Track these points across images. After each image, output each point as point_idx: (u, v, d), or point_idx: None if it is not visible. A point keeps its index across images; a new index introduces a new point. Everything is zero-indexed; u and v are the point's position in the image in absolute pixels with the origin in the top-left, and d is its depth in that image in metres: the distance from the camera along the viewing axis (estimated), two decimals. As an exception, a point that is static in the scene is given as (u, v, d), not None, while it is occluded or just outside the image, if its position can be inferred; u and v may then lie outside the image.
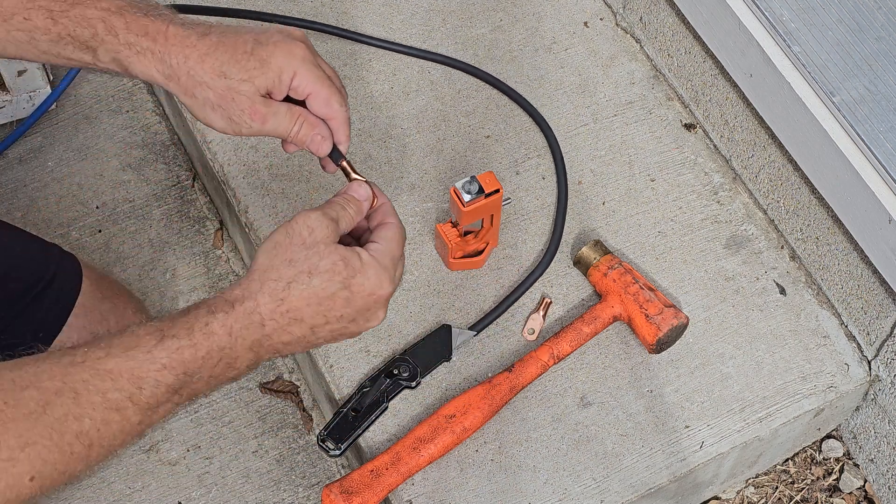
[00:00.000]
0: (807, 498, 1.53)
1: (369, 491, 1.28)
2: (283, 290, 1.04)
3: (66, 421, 0.94)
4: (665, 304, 1.38)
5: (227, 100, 1.10)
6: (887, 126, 1.30)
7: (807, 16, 1.38)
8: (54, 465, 0.93)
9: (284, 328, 1.04)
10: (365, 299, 1.07)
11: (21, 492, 0.91)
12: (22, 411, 0.92)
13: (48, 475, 0.93)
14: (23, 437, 0.91)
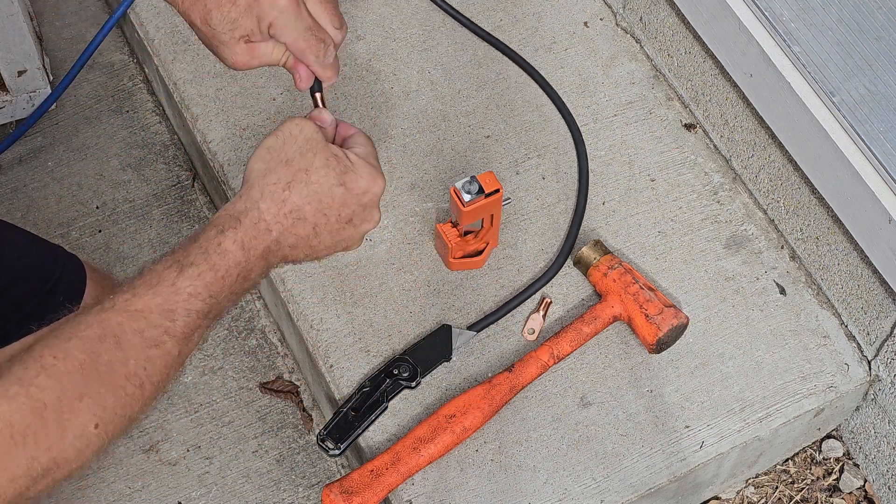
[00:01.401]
0: (807, 498, 1.53)
1: (369, 491, 1.28)
2: (283, 191, 1.07)
3: (114, 366, 0.96)
4: (665, 304, 1.38)
5: (212, 45, 1.15)
6: (887, 126, 1.30)
7: (807, 16, 1.38)
8: (113, 409, 0.96)
9: (289, 230, 1.08)
10: (359, 197, 1.10)
11: (89, 441, 0.94)
12: (72, 363, 0.94)
13: (110, 420, 0.96)
14: (78, 388, 0.93)
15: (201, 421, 1.56)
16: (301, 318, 1.44)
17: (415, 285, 1.46)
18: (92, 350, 0.96)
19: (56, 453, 0.93)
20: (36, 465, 0.92)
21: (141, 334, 0.99)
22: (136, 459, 1.52)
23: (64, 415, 0.93)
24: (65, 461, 0.94)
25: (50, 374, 0.94)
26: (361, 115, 1.59)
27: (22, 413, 0.91)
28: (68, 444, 0.94)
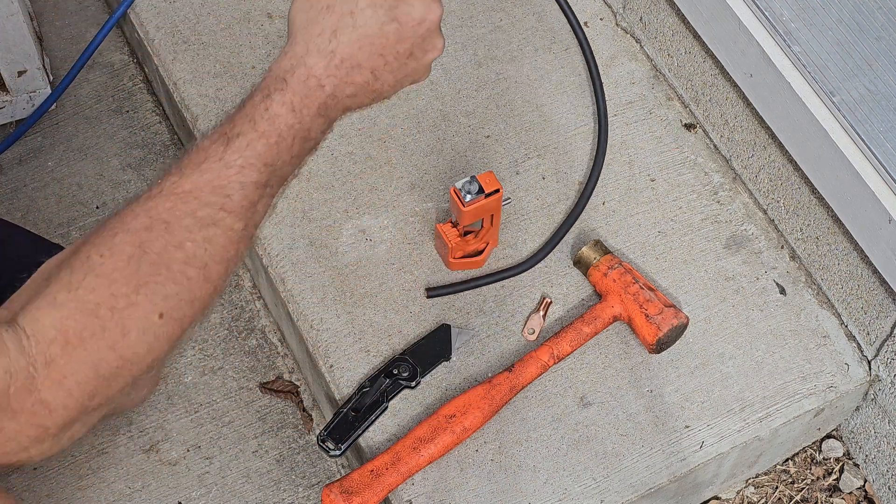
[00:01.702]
0: (807, 498, 1.53)
1: (369, 491, 1.28)
2: (329, 41, 0.98)
3: (168, 252, 0.92)
4: (665, 304, 1.38)
5: None
6: (887, 126, 1.30)
7: (807, 16, 1.38)
8: (177, 296, 0.92)
9: (345, 81, 0.99)
10: (415, 28, 1.00)
11: (157, 332, 0.91)
12: (120, 258, 0.90)
13: (176, 308, 0.92)
14: (131, 281, 0.90)
15: (201, 421, 1.56)
16: (301, 318, 1.44)
17: (415, 285, 1.46)
18: (141, 241, 0.92)
19: (123, 350, 0.90)
20: (104, 365, 0.89)
21: (193, 215, 0.93)
22: (136, 459, 1.52)
23: (121, 311, 0.90)
24: (136, 356, 0.91)
25: (98, 273, 0.90)
26: (361, 115, 1.59)
27: (74, 318, 0.88)
28: (134, 339, 0.90)
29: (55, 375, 0.88)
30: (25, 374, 0.87)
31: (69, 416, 0.90)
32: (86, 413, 0.92)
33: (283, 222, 1.50)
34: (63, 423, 0.90)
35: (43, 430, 0.89)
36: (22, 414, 0.87)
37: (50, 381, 0.88)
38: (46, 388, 0.87)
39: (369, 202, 1.51)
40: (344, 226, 1.50)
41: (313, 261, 1.47)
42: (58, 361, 0.88)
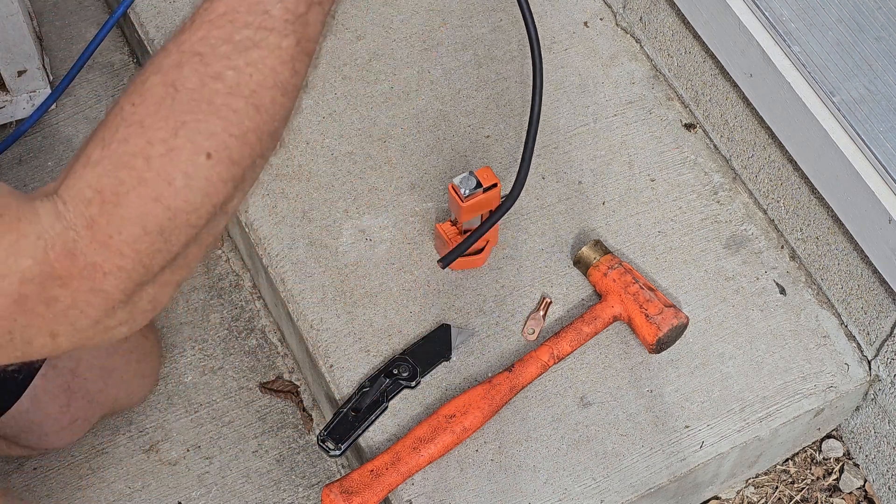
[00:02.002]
0: (807, 498, 1.53)
1: (369, 491, 1.28)
2: None
3: (206, 85, 0.83)
4: (665, 303, 1.38)
5: None
6: (887, 126, 1.30)
7: (807, 16, 1.38)
8: (225, 132, 0.83)
9: None
10: None
11: (208, 175, 0.83)
12: (152, 101, 0.83)
13: (225, 145, 0.83)
14: (168, 124, 0.82)
15: (201, 421, 1.56)
16: (301, 318, 1.44)
17: (415, 285, 1.46)
18: (172, 79, 0.84)
19: (170, 201, 0.82)
20: (151, 219, 0.82)
21: (230, 41, 0.84)
22: (136, 459, 1.52)
23: (159, 158, 0.82)
24: (189, 205, 0.83)
25: (130, 122, 0.83)
26: (361, 115, 1.59)
27: (109, 174, 0.82)
28: (181, 186, 0.82)
29: (100, 237, 0.82)
30: (64, 238, 0.81)
31: (130, 279, 0.83)
32: (151, 274, 0.84)
33: (283, 222, 1.50)
34: (125, 287, 0.83)
35: (104, 297, 0.83)
36: (72, 280, 0.81)
37: (96, 243, 0.82)
38: (93, 250, 0.81)
39: (369, 202, 1.51)
40: (344, 226, 1.50)
41: (313, 261, 1.47)
42: (99, 222, 0.82)
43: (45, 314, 0.82)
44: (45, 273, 0.81)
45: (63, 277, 0.81)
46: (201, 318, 1.63)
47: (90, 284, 0.82)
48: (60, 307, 0.82)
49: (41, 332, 0.83)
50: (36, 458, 1.51)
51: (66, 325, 0.83)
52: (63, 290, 0.82)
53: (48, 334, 0.83)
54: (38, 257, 0.81)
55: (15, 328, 0.82)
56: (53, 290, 0.81)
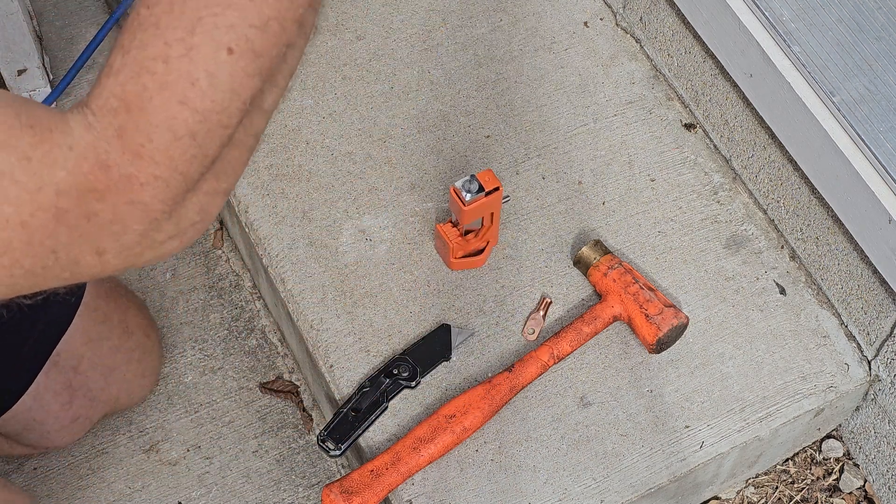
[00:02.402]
0: (807, 498, 1.53)
1: (369, 491, 1.28)
2: None
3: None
4: (665, 304, 1.38)
5: None
6: (887, 126, 1.30)
7: (807, 16, 1.38)
8: (244, 22, 0.80)
9: None
10: None
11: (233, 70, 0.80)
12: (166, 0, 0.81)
13: (245, 37, 0.80)
14: (183, 23, 0.80)
15: (201, 421, 1.56)
16: (301, 318, 1.44)
17: (415, 285, 1.46)
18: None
19: (196, 102, 0.80)
20: (179, 123, 0.80)
21: None
22: (136, 459, 1.52)
23: (178, 59, 0.79)
24: (217, 105, 0.80)
25: (146, 25, 0.81)
26: (361, 115, 1.59)
27: (131, 81, 0.80)
28: (206, 86, 0.80)
29: (131, 146, 0.79)
30: (96, 149, 0.79)
31: (168, 188, 0.81)
32: (191, 181, 0.82)
33: (283, 222, 1.50)
34: (164, 197, 0.81)
35: (144, 208, 0.80)
36: (109, 192, 0.79)
37: (128, 153, 0.79)
38: (127, 161, 0.79)
39: (369, 202, 1.51)
40: (344, 226, 1.50)
41: (313, 261, 1.47)
42: (127, 130, 0.79)
43: (87, 229, 0.79)
44: (80, 185, 0.78)
45: (100, 190, 0.79)
46: (201, 318, 1.63)
47: (128, 196, 0.80)
48: (102, 221, 0.80)
49: (86, 249, 0.80)
50: (36, 457, 1.51)
51: (110, 240, 0.81)
52: (102, 204, 0.79)
53: (94, 251, 0.81)
54: (72, 169, 0.78)
55: (58, 246, 0.79)
56: (91, 203, 0.79)
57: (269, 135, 1.57)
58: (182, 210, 0.83)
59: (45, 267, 0.80)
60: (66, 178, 0.78)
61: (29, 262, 0.79)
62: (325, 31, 1.66)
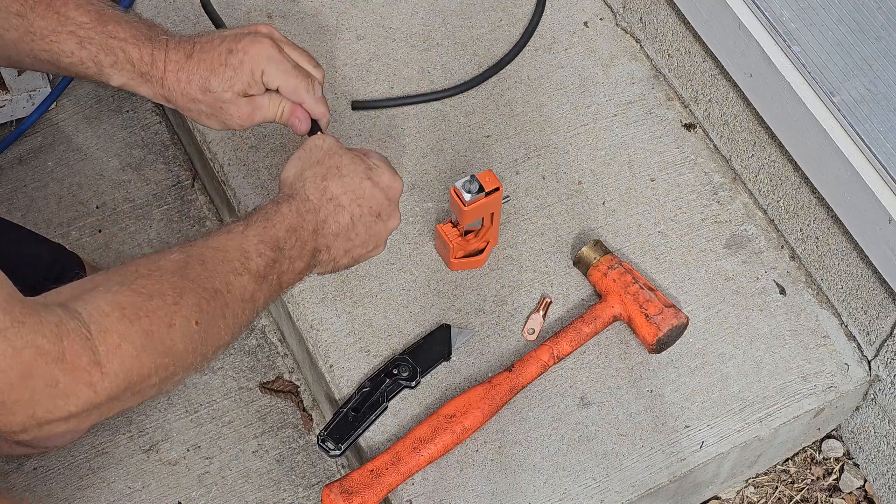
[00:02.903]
0: (807, 498, 1.53)
1: (369, 491, 1.28)
2: (321, 181, 1.23)
3: (202, 279, 1.07)
4: (665, 303, 1.38)
5: (216, 108, 1.28)
6: (887, 126, 1.30)
7: (807, 16, 1.38)
8: (211, 313, 1.06)
9: (332, 216, 1.22)
10: (385, 191, 1.26)
11: (193, 337, 1.04)
12: (166, 272, 1.05)
13: (209, 323, 1.06)
14: (176, 288, 1.04)
15: (201, 421, 1.56)
16: (301, 318, 1.44)
17: (415, 285, 1.46)
18: (180, 266, 1.07)
19: (168, 338, 1.02)
20: (156, 340, 1.01)
21: (222, 261, 1.10)
22: (136, 459, 1.52)
23: (169, 305, 1.02)
24: (175, 349, 1.03)
25: (147, 278, 1.03)
26: (361, 114, 1.59)
27: (130, 299, 1.00)
28: (177, 332, 1.02)
29: (112, 340, 0.96)
30: (79, 333, 0.94)
31: (119, 386, 0.97)
32: (132, 391, 1.00)
33: None
34: (112, 392, 0.97)
35: (93, 394, 0.95)
36: (76, 371, 0.93)
37: (106, 345, 0.96)
38: (103, 351, 0.95)
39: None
40: (344, 226, 1.50)
41: (313, 261, 1.47)
42: (115, 328, 0.97)
43: (40, 392, 0.93)
44: (57, 354, 0.92)
45: (70, 365, 0.93)
46: (201, 318, 1.63)
47: (89, 378, 0.95)
48: (56, 390, 0.93)
49: (26, 408, 0.93)
50: (36, 457, 1.51)
51: (49, 407, 0.94)
52: (65, 377, 0.93)
53: (30, 412, 0.94)
54: (53, 338, 0.92)
55: (8, 400, 0.91)
56: (57, 373, 0.92)
57: (269, 134, 1.57)
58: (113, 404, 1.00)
59: None
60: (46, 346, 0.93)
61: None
62: (325, 30, 1.66)
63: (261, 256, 1.14)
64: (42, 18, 1.22)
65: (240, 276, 1.11)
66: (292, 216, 1.19)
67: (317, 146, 1.26)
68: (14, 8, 1.21)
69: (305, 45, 1.63)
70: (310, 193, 1.22)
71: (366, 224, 1.25)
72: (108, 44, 1.25)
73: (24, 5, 1.22)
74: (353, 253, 1.26)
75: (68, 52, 1.24)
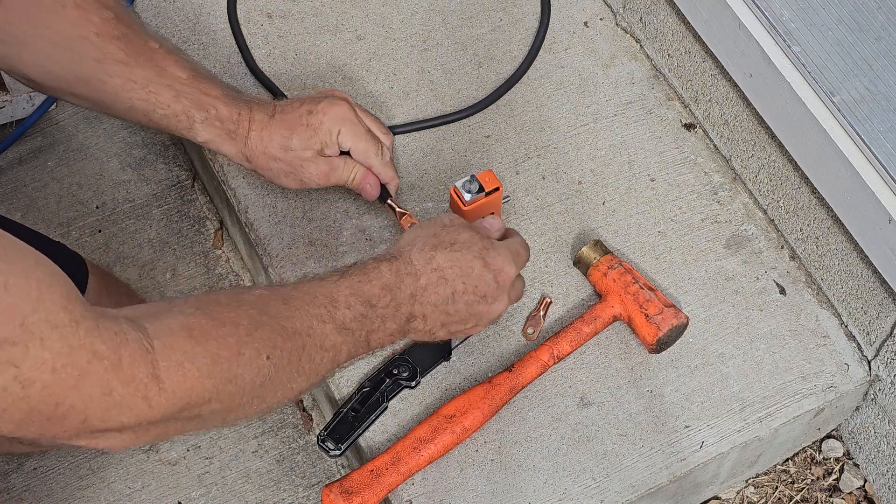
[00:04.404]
0: (807, 498, 1.53)
1: (369, 491, 1.28)
2: (430, 250, 1.22)
3: (281, 318, 1.07)
4: (665, 303, 1.38)
5: (295, 166, 1.36)
6: (887, 126, 1.30)
7: (807, 16, 1.38)
8: (283, 351, 1.05)
9: (433, 285, 1.21)
10: (496, 274, 1.24)
11: (261, 370, 1.02)
12: (244, 306, 1.05)
13: (280, 360, 1.04)
14: (251, 322, 1.03)
15: (201, 421, 1.56)
16: (301, 318, 1.44)
17: (415, 285, 1.46)
18: (262, 301, 1.07)
19: (234, 366, 1.00)
20: (221, 365, 0.98)
21: (308, 304, 1.10)
22: (136, 459, 1.52)
23: (240, 334, 1.01)
24: (241, 379, 1.00)
25: (224, 307, 1.03)
26: (361, 115, 1.59)
27: (201, 322, 0.99)
28: (245, 362, 1.01)
29: (174, 357, 0.94)
30: (139, 345, 0.92)
31: (176, 404, 0.95)
32: (190, 413, 0.97)
33: (284, 222, 1.50)
34: (167, 410, 0.94)
35: (148, 409, 0.93)
36: (133, 382, 0.91)
37: (168, 361, 0.94)
38: (163, 367, 0.93)
39: (369, 202, 1.51)
40: (344, 226, 1.50)
41: (313, 261, 1.47)
42: (179, 346, 0.95)
43: (94, 399, 0.89)
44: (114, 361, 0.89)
45: (127, 376, 0.91)
46: (201, 318, 1.63)
47: (146, 392, 0.92)
48: (110, 399, 0.90)
49: (79, 413, 0.89)
50: (36, 457, 1.52)
51: (102, 416, 0.91)
52: (122, 387, 0.90)
53: (82, 418, 0.90)
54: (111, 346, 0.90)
55: (62, 403, 0.88)
56: (114, 382, 0.90)
57: (269, 135, 1.57)
58: (161, 426, 0.97)
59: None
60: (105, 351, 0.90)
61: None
62: (325, 30, 1.66)
63: (349, 308, 1.13)
64: (142, 69, 1.28)
65: (324, 323, 1.11)
66: (390, 276, 1.19)
67: (440, 220, 1.27)
68: (118, 56, 1.27)
69: (305, 45, 1.63)
70: (414, 258, 1.21)
71: (467, 302, 1.23)
72: (202, 100, 1.32)
73: (127, 54, 1.27)
74: (450, 328, 1.25)
75: (164, 103, 1.30)
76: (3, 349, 0.80)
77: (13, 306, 0.81)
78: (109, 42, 1.27)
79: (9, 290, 0.81)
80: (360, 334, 1.15)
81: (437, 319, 1.23)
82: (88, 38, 1.26)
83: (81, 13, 1.26)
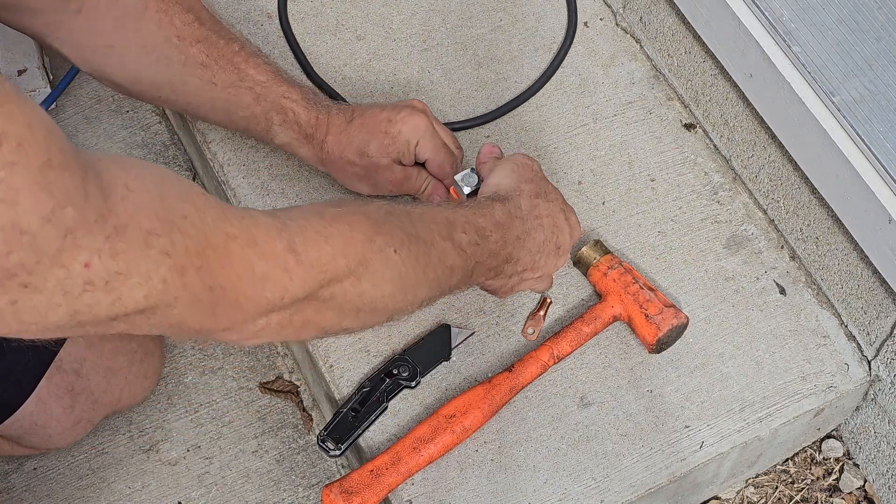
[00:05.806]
0: (807, 498, 1.53)
1: (369, 491, 1.28)
2: (535, 198, 1.27)
3: (405, 224, 1.10)
4: (665, 303, 1.38)
5: (371, 171, 1.37)
6: (887, 126, 1.30)
7: (807, 16, 1.38)
8: (409, 249, 1.08)
9: (534, 231, 1.26)
10: (571, 230, 1.32)
11: (388, 260, 1.05)
12: (372, 206, 1.08)
13: (406, 257, 1.07)
14: (379, 220, 1.06)
15: (201, 421, 1.56)
16: (301, 318, 1.44)
17: (415, 285, 1.46)
18: (385, 209, 1.09)
19: (366, 251, 1.03)
20: (353, 247, 1.02)
21: (430, 221, 1.13)
22: (136, 459, 1.52)
23: (369, 224, 1.04)
24: (372, 269, 1.04)
25: (350, 205, 1.07)
26: (361, 115, 1.59)
27: (333, 211, 1.04)
28: (376, 248, 1.04)
29: (309, 235, 0.98)
30: (272, 225, 0.95)
31: (314, 278, 0.98)
32: (328, 293, 1.00)
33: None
34: (307, 284, 0.97)
35: (289, 280, 0.96)
36: (271, 257, 0.94)
37: (303, 237, 0.97)
38: (299, 241, 0.97)
39: (369, 202, 1.51)
40: (344, 226, 1.50)
41: (313, 261, 1.47)
42: (313, 227, 0.99)
43: (240, 277, 0.92)
44: (248, 239, 0.92)
45: (264, 251, 0.93)
46: (201, 318, 1.63)
47: (284, 265, 0.95)
48: (253, 276, 0.93)
49: (229, 296, 0.92)
50: (36, 458, 1.52)
51: (249, 293, 0.93)
52: (261, 262, 0.93)
53: (233, 300, 0.92)
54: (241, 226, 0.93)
55: (215, 284, 0.90)
56: (252, 257, 0.92)
57: (269, 135, 1.57)
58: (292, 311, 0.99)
59: None
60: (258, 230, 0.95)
61: None
62: (325, 31, 1.66)
63: (465, 233, 1.16)
64: (224, 71, 1.32)
65: (444, 239, 1.13)
66: (502, 215, 1.22)
67: (526, 164, 1.30)
68: (200, 59, 1.30)
69: (305, 45, 1.63)
70: (523, 204, 1.26)
71: (548, 253, 1.29)
72: (281, 103, 1.35)
73: (209, 56, 1.31)
74: (525, 275, 1.30)
75: (245, 105, 1.33)
76: (152, 239, 0.83)
77: (144, 203, 0.84)
78: (191, 45, 1.30)
79: (133, 190, 0.83)
80: (470, 262, 1.17)
81: (525, 264, 1.27)
82: (171, 41, 1.28)
83: (164, 17, 1.28)
